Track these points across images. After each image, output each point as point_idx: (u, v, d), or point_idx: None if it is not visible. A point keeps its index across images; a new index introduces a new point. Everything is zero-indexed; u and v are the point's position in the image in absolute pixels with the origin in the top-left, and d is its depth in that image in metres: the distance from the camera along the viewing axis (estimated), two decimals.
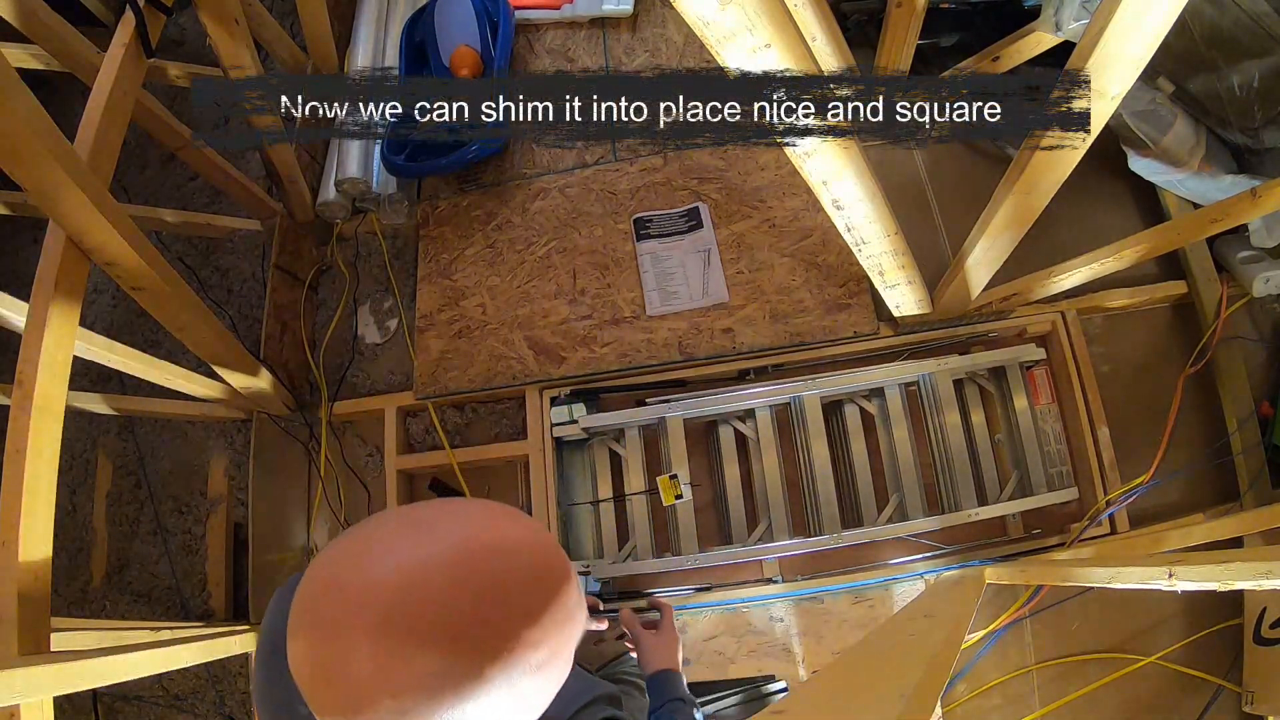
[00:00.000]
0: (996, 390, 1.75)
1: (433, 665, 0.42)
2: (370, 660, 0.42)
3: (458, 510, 0.49)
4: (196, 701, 1.86)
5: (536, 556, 0.48)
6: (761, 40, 0.77)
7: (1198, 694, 1.56)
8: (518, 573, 0.46)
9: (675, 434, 1.69)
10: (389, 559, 0.44)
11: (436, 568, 0.44)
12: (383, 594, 0.43)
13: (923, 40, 1.74)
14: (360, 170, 2.01)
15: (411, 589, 0.43)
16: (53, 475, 1.09)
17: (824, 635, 1.65)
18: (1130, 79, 0.86)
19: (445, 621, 0.43)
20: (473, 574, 0.44)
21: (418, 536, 0.46)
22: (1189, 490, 1.66)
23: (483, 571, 0.45)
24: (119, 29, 1.34)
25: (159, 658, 1.21)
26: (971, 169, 1.87)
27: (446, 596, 0.43)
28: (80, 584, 2.02)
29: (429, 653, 0.42)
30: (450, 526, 0.47)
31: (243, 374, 1.69)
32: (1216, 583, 0.81)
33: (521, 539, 0.48)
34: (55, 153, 1.03)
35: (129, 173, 2.37)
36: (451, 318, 1.92)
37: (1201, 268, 1.68)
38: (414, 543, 0.45)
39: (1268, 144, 1.45)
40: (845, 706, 0.56)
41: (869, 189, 1.13)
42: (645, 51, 2.13)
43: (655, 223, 1.90)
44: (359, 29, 2.19)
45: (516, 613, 0.45)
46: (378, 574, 0.44)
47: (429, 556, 0.44)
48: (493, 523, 0.48)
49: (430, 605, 0.43)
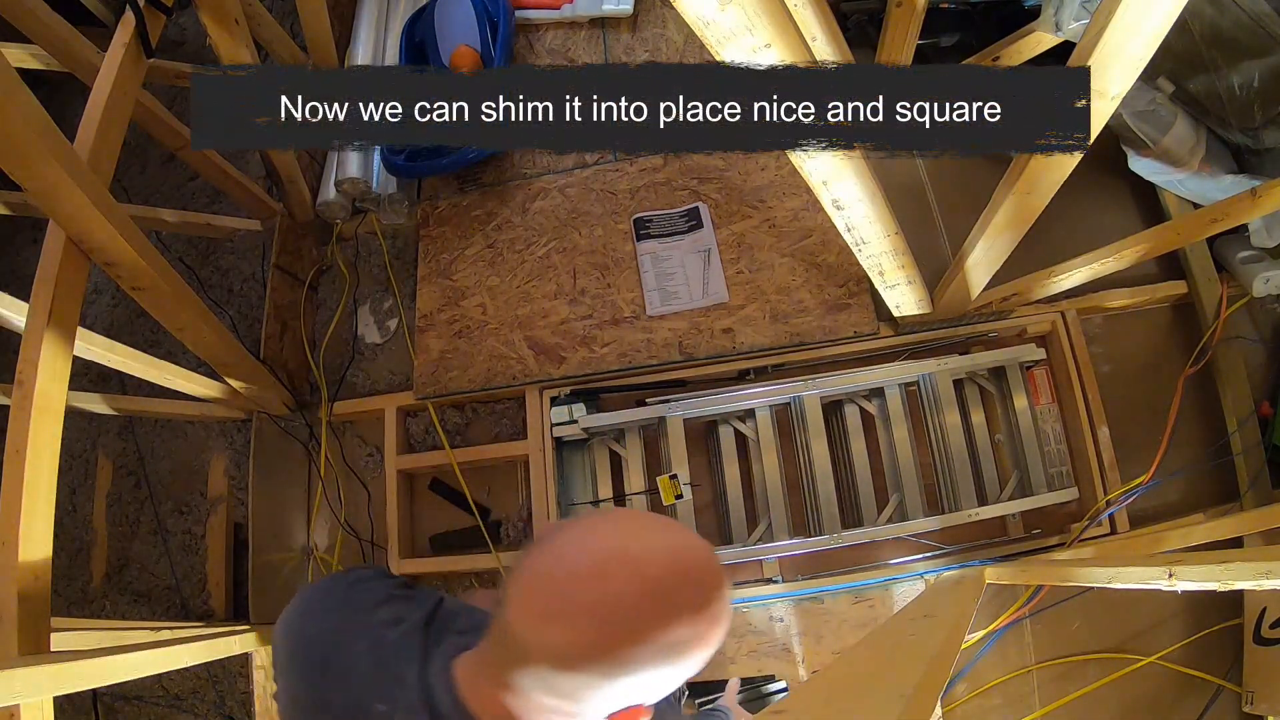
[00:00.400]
0: (996, 390, 1.75)
1: (679, 632, 0.52)
2: (649, 613, 0.51)
3: (658, 520, 0.60)
4: (196, 701, 1.86)
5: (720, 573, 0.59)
6: (761, 40, 0.77)
7: (1198, 694, 1.56)
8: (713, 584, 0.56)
9: (675, 434, 1.69)
10: (657, 538, 0.55)
11: (684, 549, 0.55)
12: (654, 564, 0.53)
13: (923, 40, 1.74)
14: (360, 170, 2.02)
15: (677, 563, 0.53)
16: (53, 475, 1.09)
17: (824, 635, 1.65)
18: (1130, 79, 0.86)
19: (705, 590, 0.54)
20: (702, 561, 0.55)
21: (664, 526, 0.57)
22: (1189, 490, 1.66)
23: (708, 560, 0.56)
24: (119, 29, 1.34)
25: (159, 658, 1.20)
26: (971, 169, 1.87)
27: (701, 573, 0.54)
28: (80, 584, 2.02)
29: (679, 621, 0.52)
30: (674, 526, 0.58)
31: (243, 374, 1.69)
32: (1216, 583, 0.81)
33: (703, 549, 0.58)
34: (55, 153, 1.03)
35: (129, 173, 2.37)
36: (451, 318, 1.92)
37: (1201, 268, 1.68)
38: (665, 533, 0.56)
39: (1268, 144, 1.45)
40: (845, 706, 0.56)
41: (869, 189, 1.13)
42: (645, 51, 2.13)
43: (655, 223, 1.90)
44: (359, 29, 2.19)
45: (725, 595, 0.56)
46: (652, 550, 0.54)
47: (684, 542, 0.55)
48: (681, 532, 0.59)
49: (693, 576, 0.54)
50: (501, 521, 1.85)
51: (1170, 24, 0.78)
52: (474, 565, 1.78)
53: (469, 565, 1.78)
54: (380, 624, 0.68)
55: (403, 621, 0.68)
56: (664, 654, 0.52)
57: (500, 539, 1.82)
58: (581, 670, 0.52)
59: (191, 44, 2.48)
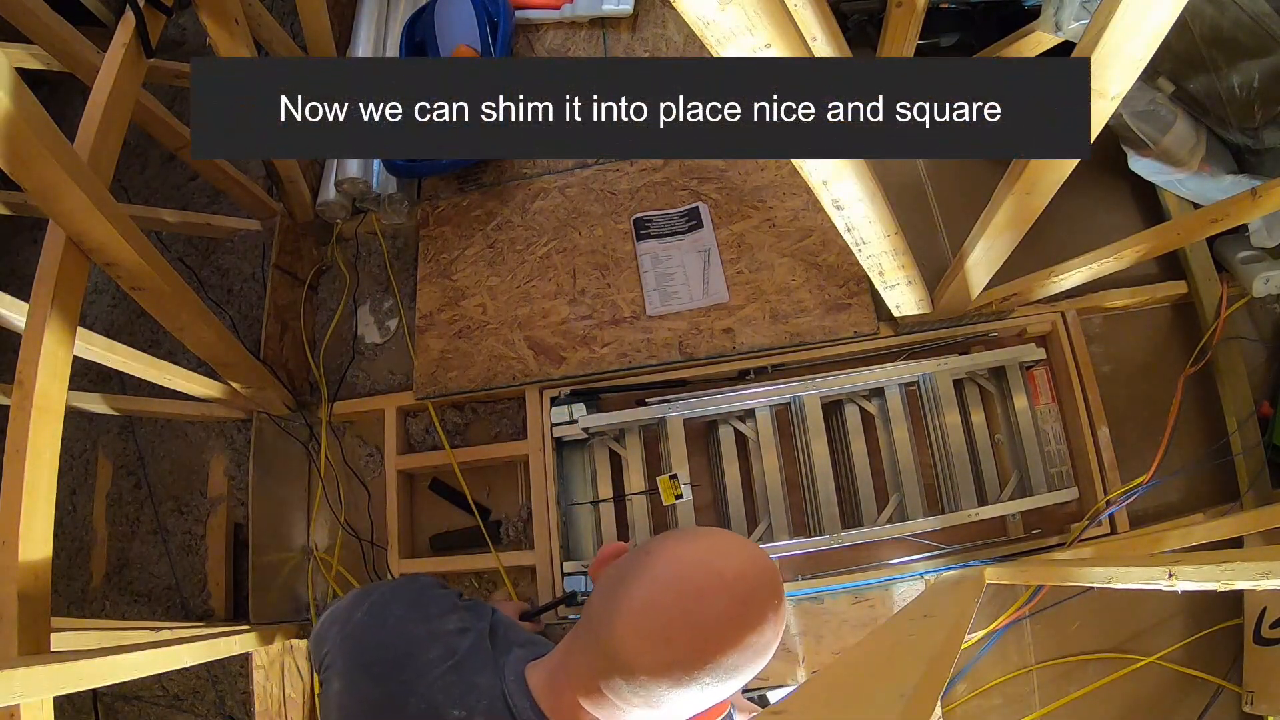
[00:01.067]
0: (996, 390, 1.75)
1: (767, 634, 0.61)
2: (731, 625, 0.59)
3: (736, 538, 0.67)
4: (196, 701, 1.86)
5: (779, 584, 0.66)
6: (761, 40, 0.77)
7: (1198, 694, 1.56)
8: (776, 591, 0.64)
9: (675, 434, 1.69)
10: (737, 554, 0.63)
11: (756, 560, 0.63)
12: (741, 580, 0.61)
13: (923, 40, 1.74)
14: (360, 170, 2.02)
15: (757, 575, 0.62)
16: (53, 475, 1.09)
17: (824, 635, 1.65)
18: (1130, 79, 0.86)
19: (778, 592, 0.63)
20: (769, 567, 0.64)
21: (740, 543, 0.65)
22: (1189, 490, 1.66)
23: (771, 565, 0.64)
24: (119, 29, 1.33)
25: (159, 658, 1.21)
26: (971, 169, 1.87)
27: (772, 577, 0.63)
28: (80, 584, 2.02)
29: (767, 623, 0.60)
30: (742, 540, 0.66)
31: (243, 374, 1.69)
32: (1216, 583, 0.81)
33: (770, 564, 0.66)
34: (55, 153, 1.02)
35: (129, 173, 2.37)
36: (451, 318, 1.92)
37: (1201, 268, 1.68)
38: (741, 548, 0.64)
39: (1268, 144, 1.45)
40: (845, 706, 0.56)
41: (869, 189, 1.13)
42: (645, 51, 2.13)
43: (655, 223, 1.90)
44: (359, 29, 2.19)
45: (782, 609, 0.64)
46: (736, 565, 0.62)
47: (753, 553, 0.64)
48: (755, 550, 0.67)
49: (766, 588, 0.62)
50: (501, 521, 1.85)
51: (1170, 24, 0.78)
52: (474, 565, 1.78)
53: (469, 565, 1.79)
54: (450, 632, 0.73)
55: (469, 631, 0.73)
56: (750, 656, 0.60)
57: (500, 539, 1.82)
58: (681, 678, 0.58)
59: (191, 44, 2.48)
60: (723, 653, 0.58)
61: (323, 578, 1.87)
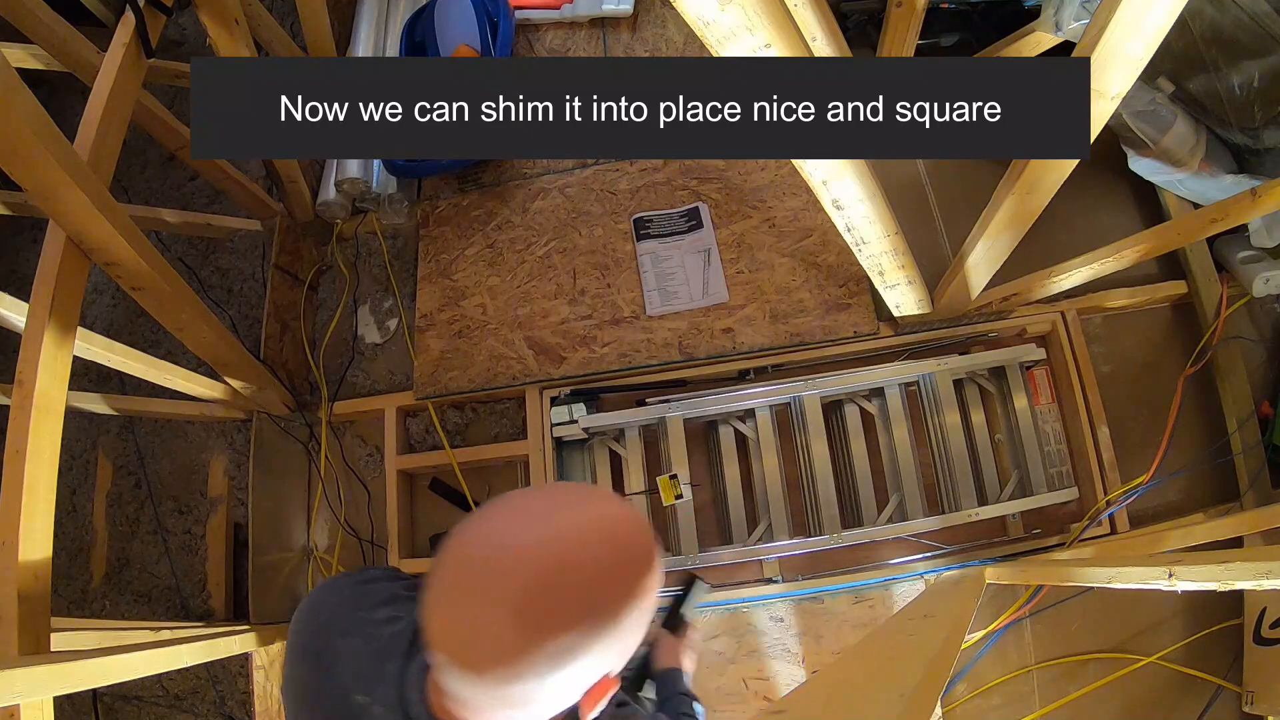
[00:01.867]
0: (996, 390, 1.75)
1: (570, 631, 0.50)
2: (512, 624, 0.50)
3: (569, 496, 0.58)
4: (196, 701, 1.86)
5: (636, 534, 0.56)
6: (761, 40, 0.77)
7: (1198, 694, 1.56)
8: (620, 548, 0.55)
9: (675, 434, 1.69)
10: (530, 531, 0.53)
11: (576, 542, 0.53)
12: (524, 567, 0.51)
13: (923, 40, 1.74)
14: (360, 170, 2.02)
15: (562, 559, 0.52)
16: (53, 475, 1.09)
17: (824, 635, 1.65)
18: (1130, 79, 0.86)
19: (587, 594, 0.52)
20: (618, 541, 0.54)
21: (541, 518, 0.54)
22: (1189, 490, 1.66)
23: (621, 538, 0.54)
24: (119, 29, 1.33)
25: (159, 658, 1.21)
26: (971, 169, 1.87)
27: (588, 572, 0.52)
28: (80, 584, 2.02)
29: (571, 614, 0.51)
30: (565, 515, 0.55)
31: (243, 374, 1.69)
32: (1216, 583, 0.81)
33: (619, 516, 0.56)
34: (55, 153, 1.03)
35: (129, 173, 2.37)
36: (451, 318, 1.92)
37: (1201, 268, 1.68)
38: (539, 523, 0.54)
39: (1268, 144, 1.45)
40: (845, 706, 0.56)
41: (869, 189, 1.13)
42: (645, 51, 2.13)
43: (655, 223, 1.90)
44: (359, 29, 2.19)
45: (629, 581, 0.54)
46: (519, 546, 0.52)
47: (565, 529, 0.53)
48: (595, 504, 0.57)
49: (572, 578, 0.51)
50: None
51: (1170, 24, 0.78)
52: None
53: None
54: (378, 621, 0.72)
55: (399, 620, 0.71)
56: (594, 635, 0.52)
57: None
58: (515, 675, 0.51)
59: (191, 44, 2.48)
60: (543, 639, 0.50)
61: (322, 577, 1.87)
